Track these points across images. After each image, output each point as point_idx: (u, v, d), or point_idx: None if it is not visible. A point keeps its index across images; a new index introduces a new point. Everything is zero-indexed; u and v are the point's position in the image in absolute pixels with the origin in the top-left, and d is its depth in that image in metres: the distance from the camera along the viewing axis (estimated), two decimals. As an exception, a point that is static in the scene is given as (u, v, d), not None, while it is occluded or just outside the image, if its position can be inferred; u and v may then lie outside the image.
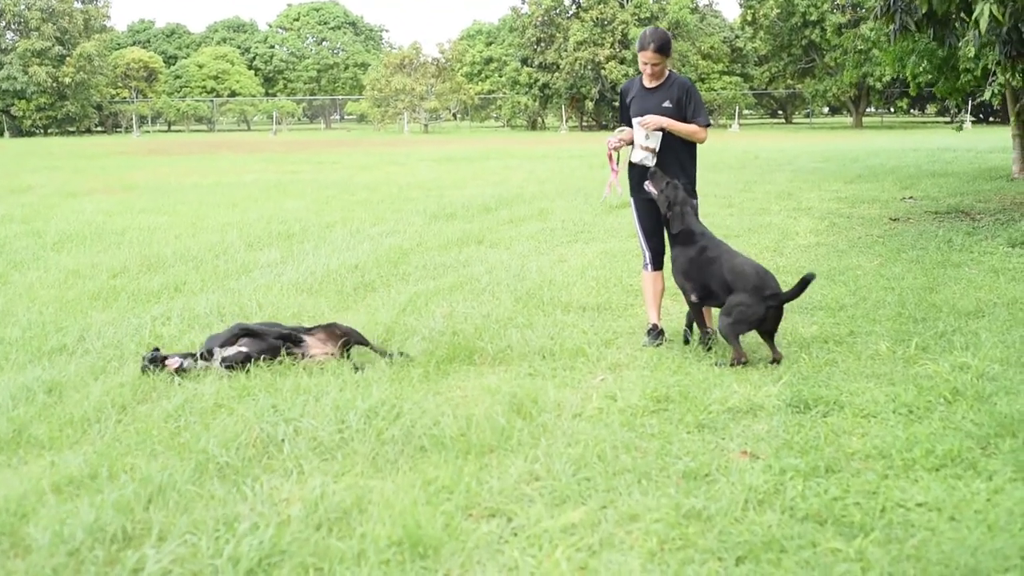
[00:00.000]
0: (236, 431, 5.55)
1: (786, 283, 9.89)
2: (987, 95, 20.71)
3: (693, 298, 7.67)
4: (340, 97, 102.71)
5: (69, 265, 11.46)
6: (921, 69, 22.20)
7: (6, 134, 75.78)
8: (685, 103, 7.86)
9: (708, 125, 8.03)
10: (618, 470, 5.10)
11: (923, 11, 12.59)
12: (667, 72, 7.97)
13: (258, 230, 14.35)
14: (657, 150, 7.93)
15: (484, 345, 7.52)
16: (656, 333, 7.96)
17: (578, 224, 15.05)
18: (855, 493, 4.78)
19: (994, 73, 19.60)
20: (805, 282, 7.22)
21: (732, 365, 7.08)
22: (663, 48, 7.74)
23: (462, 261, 11.66)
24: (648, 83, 7.96)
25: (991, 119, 70.60)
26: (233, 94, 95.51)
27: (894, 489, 4.82)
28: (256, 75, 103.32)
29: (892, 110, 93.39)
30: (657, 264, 8.17)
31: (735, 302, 7.21)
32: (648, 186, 7.85)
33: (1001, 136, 28.80)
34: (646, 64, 7.77)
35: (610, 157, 8.43)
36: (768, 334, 7.31)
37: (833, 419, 5.82)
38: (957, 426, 5.61)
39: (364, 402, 5.98)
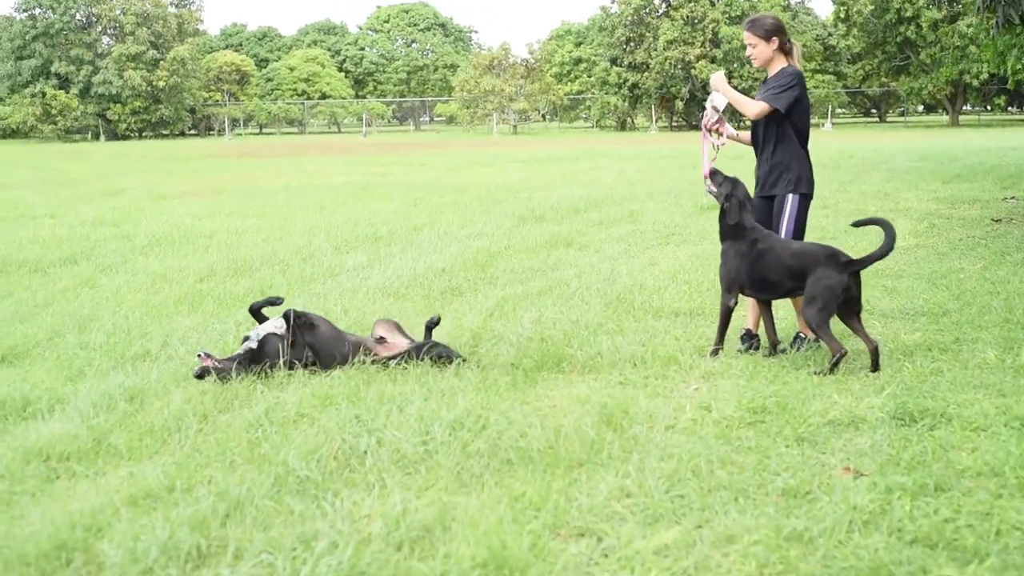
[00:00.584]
0: (317, 442, 5.39)
1: (887, 288, 9.60)
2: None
3: (733, 302, 7.48)
4: (430, 99, 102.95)
5: (157, 269, 11.44)
6: (1022, 64, 21.59)
7: (102, 137, 77.11)
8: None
9: (770, 110, 7.56)
10: (713, 487, 4.86)
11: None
12: (782, 65, 7.72)
13: (345, 233, 14.27)
14: (721, 110, 7.88)
15: (573, 352, 7.30)
16: (749, 338, 7.76)
17: (669, 226, 14.77)
18: (967, 514, 4.49)
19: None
20: (887, 243, 6.99)
21: (833, 367, 6.79)
22: (753, 26, 7.60)
23: (551, 264, 11.46)
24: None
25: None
26: (323, 96, 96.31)
27: (1009, 510, 4.53)
28: (346, 77, 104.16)
29: (990, 108, 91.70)
30: None
31: (815, 281, 6.93)
32: (708, 183, 7.68)
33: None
34: (746, 47, 7.59)
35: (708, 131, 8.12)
36: (855, 316, 7.03)
37: (940, 433, 5.52)
38: (1075, 441, 5.30)
39: (449, 412, 5.80)
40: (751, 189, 7.75)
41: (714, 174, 7.66)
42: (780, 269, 7.15)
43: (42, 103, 76.99)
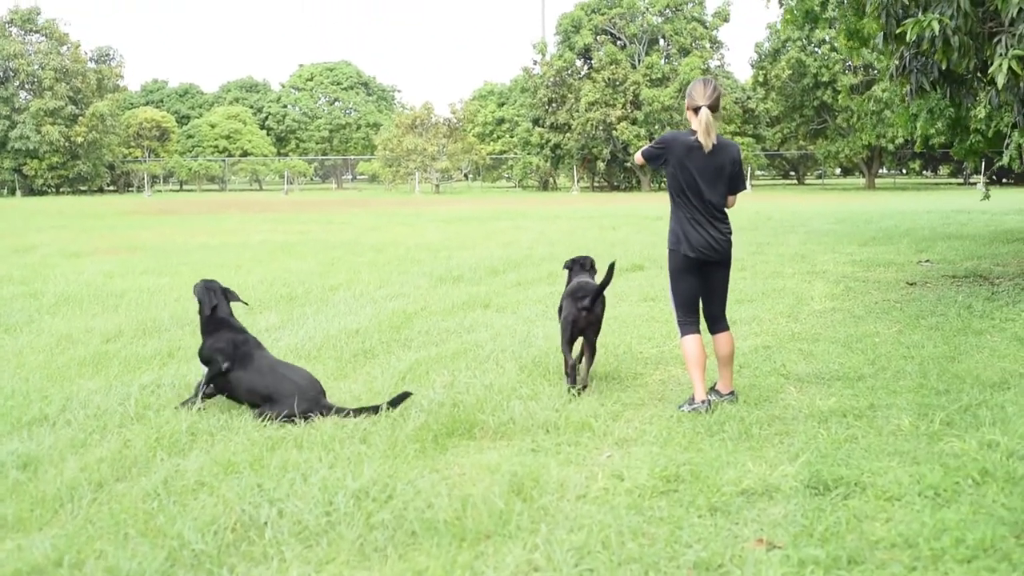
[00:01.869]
0: (215, 513, 5.20)
1: (803, 351, 9.56)
2: (1005, 159, 20.38)
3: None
4: (352, 157, 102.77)
5: (62, 329, 11.12)
6: (934, 129, 21.89)
7: (18, 193, 75.89)
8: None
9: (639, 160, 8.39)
10: (624, 559, 4.73)
11: (942, 68, 12.29)
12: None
13: (260, 292, 14.02)
14: None
15: (485, 418, 7.15)
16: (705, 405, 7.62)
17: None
18: (881, 589, 4.40)
19: (1009, 136, 19.29)
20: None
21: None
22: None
23: (467, 326, 11.31)
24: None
25: (1004, 180, 70.35)
26: (245, 154, 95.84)
27: (923, 584, 4.45)
28: (268, 135, 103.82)
29: (905, 171, 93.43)
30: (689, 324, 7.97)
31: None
32: None
33: (1016, 198, 28.48)
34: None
35: None
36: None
37: (855, 502, 5.44)
38: (988, 511, 5.23)
39: (355, 481, 5.63)
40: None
41: None
42: None
43: (-44, 158, 75.91)
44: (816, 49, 72.22)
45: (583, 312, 8.33)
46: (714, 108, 7.68)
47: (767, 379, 8.55)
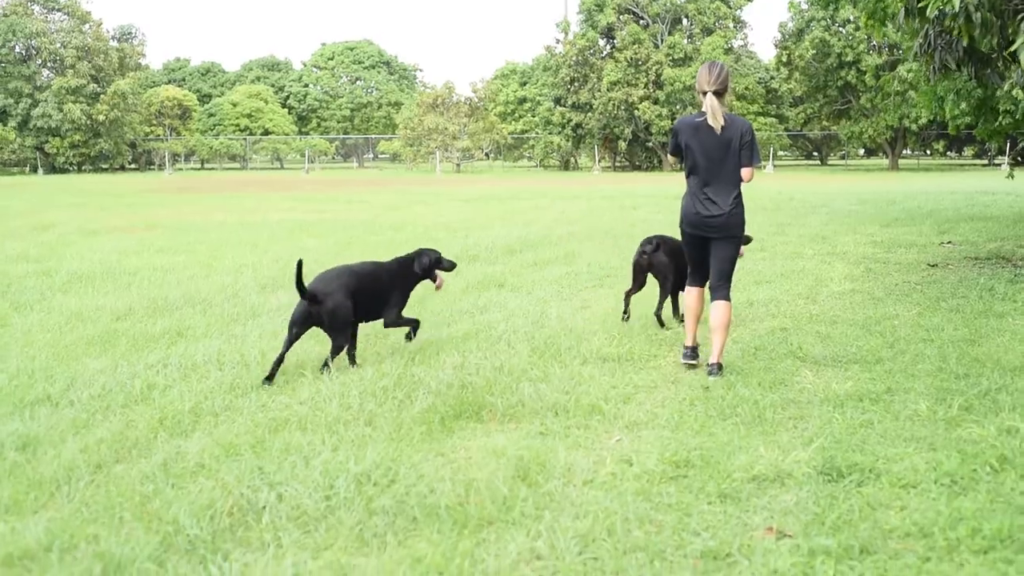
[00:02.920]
0: (213, 497, 5.08)
1: (820, 334, 9.40)
2: (1029, 142, 20.13)
3: None
4: (373, 136, 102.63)
5: (73, 307, 11.05)
6: (959, 111, 21.64)
7: (40, 171, 76.00)
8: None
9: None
10: (629, 548, 4.61)
11: (966, 46, 12.09)
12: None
13: (274, 271, 13.93)
14: None
15: (494, 400, 7.02)
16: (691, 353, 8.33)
17: (605, 268, 14.55)
18: (893, 580, 4.27)
19: (1035, 117, 19.04)
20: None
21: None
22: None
23: (480, 307, 11.18)
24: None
25: (1021, 159, 69.74)
26: (266, 132, 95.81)
27: (937, 575, 4.31)
28: (290, 113, 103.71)
29: (929, 152, 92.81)
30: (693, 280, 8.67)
31: None
32: None
33: (1041, 179, 28.19)
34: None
35: None
36: None
37: (869, 489, 5.29)
38: (1006, 500, 5.08)
39: (357, 465, 5.52)
40: None
41: None
42: None
43: (-21, 136, 76.14)
44: (841, 29, 71.60)
45: (643, 255, 10.17)
46: (720, 93, 8.09)
47: (783, 362, 8.39)
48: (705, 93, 8.08)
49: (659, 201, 31.71)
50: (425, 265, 9.08)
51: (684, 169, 8.48)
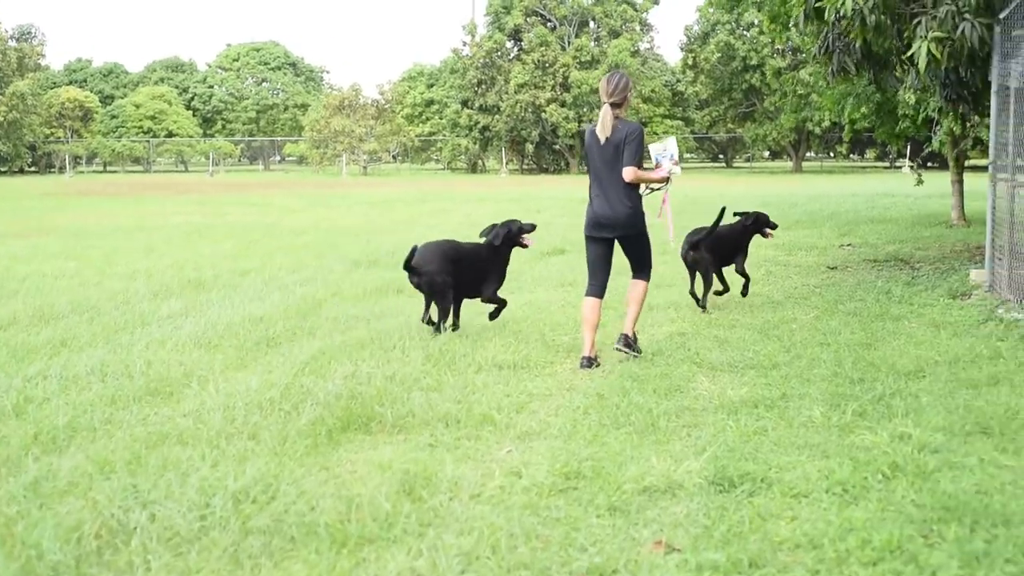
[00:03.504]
0: (81, 518, 4.84)
1: (718, 339, 9.34)
2: (935, 145, 20.39)
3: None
4: (279, 138, 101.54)
5: (-47, 317, 10.66)
6: (860, 114, 21.89)
7: (-65, 174, 74.30)
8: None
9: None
10: (513, 565, 4.45)
11: (861, 49, 12.15)
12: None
13: (168, 277, 13.62)
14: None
15: (384, 411, 6.83)
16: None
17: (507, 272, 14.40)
18: (781, 595, 4.16)
19: (938, 122, 19.29)
20: None
21: None
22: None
23: (377, 313, 10.98)
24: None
25: (929, 164, 70.94)
26: (170, 134, 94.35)
27: (825, 589, 4.22)
28: (194, 115, 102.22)
29: (832, 154, 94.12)
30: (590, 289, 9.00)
31: None
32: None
33: (941, 182, 28.60)
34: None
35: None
36: None
37: (760, 500, 5.20)
38: (897, 508, 5.01)
39: (236, 481, 5.30)
40: None
41: None
42: None
43: None
44: (745, 32, 72.39)
45: (689, 251, 11.50)
46: (617, 104, 8.63)
47: (679, 367, 8.32)
48: (604, 104, 8.62)
49: (565, 204, 31.72)
50: (513, 233, 10.28)
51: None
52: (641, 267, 9.07)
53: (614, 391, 7.50)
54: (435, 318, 9.68)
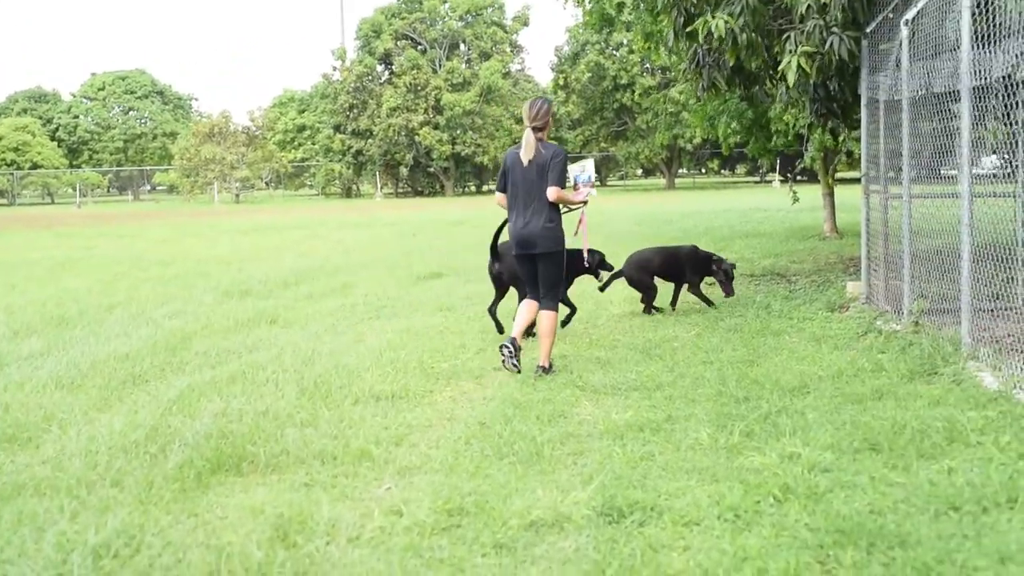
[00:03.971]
0: (-77, 584, 4.47)
1: (600, 360, 9.16)
2: (807, 161, 20.58)
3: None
4: (148, 167, 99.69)
5: None
6: (731, 129, 22.04)
7: None
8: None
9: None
10: (396, 614, 4.19)
11: (732, 65, 12.14)
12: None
13: (29, 315, 13.04)
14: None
15: (256, 450, 6.50)
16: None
17: (381, 298, 14.15)
18: (678, 634, 3.96)
19: (808, 137, 19.47)
20: None
21: None
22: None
23: (249, 345, 10.60)
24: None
25: (799, 178, 72.21)
26: (35, 166, 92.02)
27: (724, 624, 4.03)
28: (60, 146, 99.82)
29: (704, 171, 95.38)
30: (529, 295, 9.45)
31: None
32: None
33: (811, 195, 28.98)
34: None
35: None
36: None
37: (651, 530, 5.00)
38: (791, 533, 4.84)
39: (97, 534, 4.96)
40: None
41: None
42: None
43: None
44: (615, 52, 73.06)
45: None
46: (539, 128, 9.06)
47: (562, 392, 8.12)
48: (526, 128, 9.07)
49: (440, 227, 31.56)
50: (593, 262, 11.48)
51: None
52: (549, 291, 9.26)
53: (496, 419, 7.26)
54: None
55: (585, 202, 9.69)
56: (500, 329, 10.98)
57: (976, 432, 6.19)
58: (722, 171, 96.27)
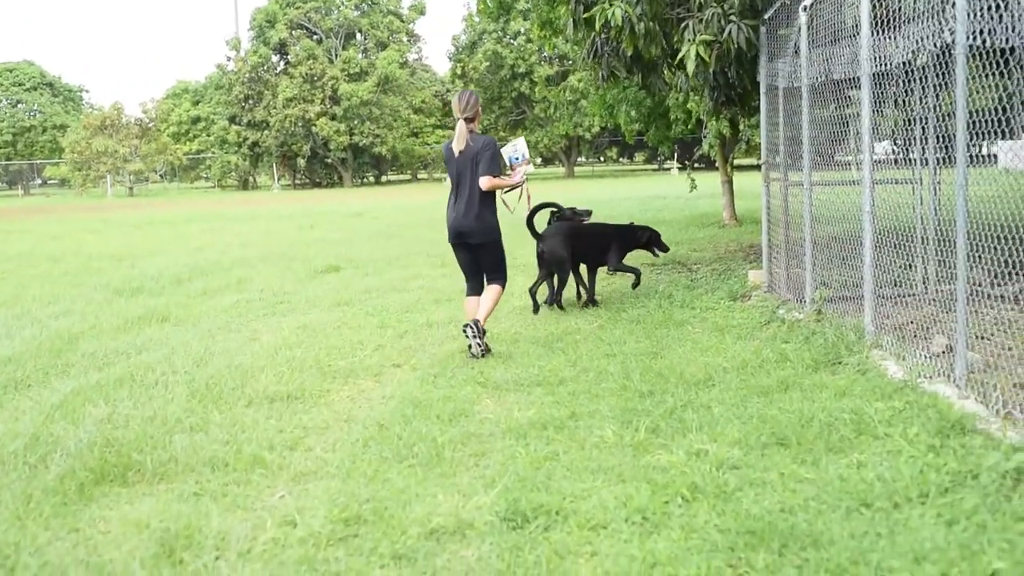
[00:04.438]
0: None
1: (501, 354, 8.95)
2: (705, 148, 20.59)
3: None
4: (38, 161, 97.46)
5: None
6: (630, 118, 22.00)
7: None
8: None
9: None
10: (289, 635, 3.95)
11: (630, 54, 11.99)
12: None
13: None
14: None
15: (143, 458, 6.20)
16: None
17: (278, 294, 13.81)
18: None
19: (706, 125, 19.47)
20: None
21: None
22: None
23: (139, 345, 10.22)
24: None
25: (696, 165, 72.81)
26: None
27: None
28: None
29: (602, 159, 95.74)
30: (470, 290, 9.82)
31: None
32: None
33: (709, 182, 29.06)
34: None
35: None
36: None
37: (556, 535, 4.81)
38: (701, 535, 4.69)
39: (-33, 555, 4.65)
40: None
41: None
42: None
43: None
44: (512, 41, 73.04)
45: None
46: (470, 119, 9.42)
47: (463, 389, 7.89)
48: (458, 120, 9.41)
49: (338, 219, 31.14)
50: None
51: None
52: (495, 273, 9.68)
53: (395, 419, 7.02)
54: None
55: (524, 180, 10.03)
56: (536, 309, 11.60)
57: (884, 424, 6.08)
58: (621, 159, 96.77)
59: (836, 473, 5.36)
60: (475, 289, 9.73)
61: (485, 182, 9.32)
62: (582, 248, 11.89)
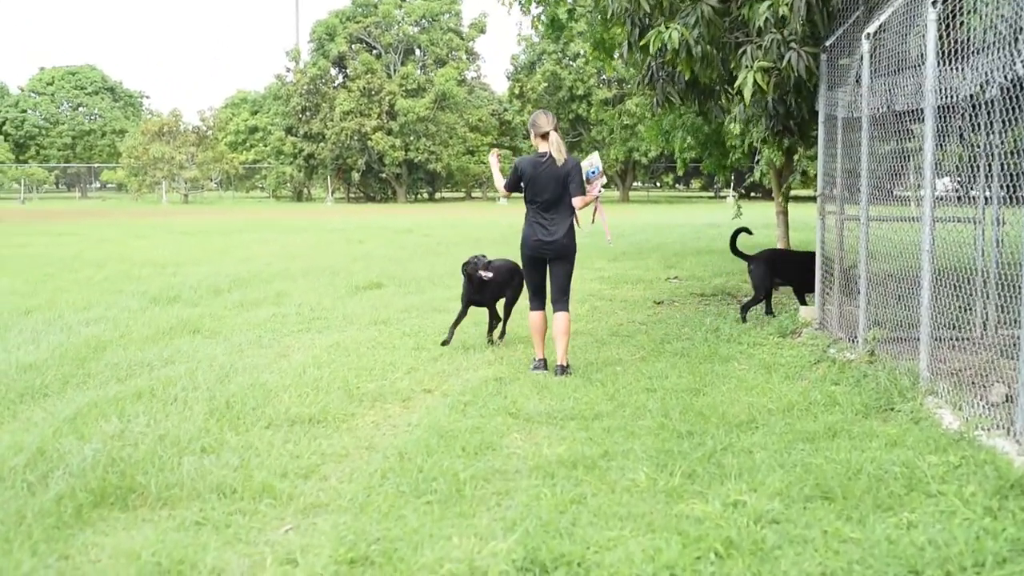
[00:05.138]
0: None
1: (537, 384, 8.56)
2: (756, 175, 20.15)
3: None
4: (96, 165, 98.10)
5: None
6: (687, 144, 21.59)
7: None
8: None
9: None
10: None
11: (686, 79, 11.61)
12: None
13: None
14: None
15: (148, 481, 5.87)
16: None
17: (315, 309, 13.51)
18: None
19: (759, 152, 19.04)
20: None
21: None
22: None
23: (165, 358, 9.92)
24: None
25: (752, 194, 72.13)
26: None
27: None
28: (6, 140, 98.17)
29: (658, 184, 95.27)
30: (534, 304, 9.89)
31: None
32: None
33: (765, 212, 28.57)
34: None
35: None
36: None
37: (576, 590, 4.43)
38: (733, 599, 4.29)
39: (-57, 583, 4.33)
40: None
41: None
42: None
43: None
44: (571, 63, 72.87)
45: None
46: (556, 130, 9.64)
47: (493, 420, 7.52)
48: (547, 134, 9.55)
49: (389, 235, 30.92)
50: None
51: (525, 201, 9.75)
52: (563, 294, 9.75)
53: (418, 450, 6.66)
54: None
55: (600, 194, 10.01)
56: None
57: (937, 480, 5.65)
58: (677, 185, 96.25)
59: (884, 534, 4.93)
60: (541, 305, 9.85)
61: (579, 202, 9.58)
62: (788, 273, 12.82)
